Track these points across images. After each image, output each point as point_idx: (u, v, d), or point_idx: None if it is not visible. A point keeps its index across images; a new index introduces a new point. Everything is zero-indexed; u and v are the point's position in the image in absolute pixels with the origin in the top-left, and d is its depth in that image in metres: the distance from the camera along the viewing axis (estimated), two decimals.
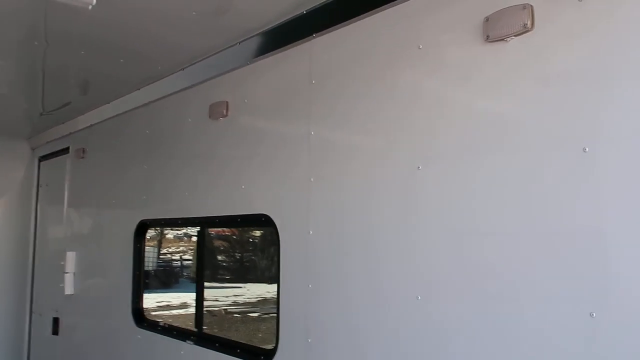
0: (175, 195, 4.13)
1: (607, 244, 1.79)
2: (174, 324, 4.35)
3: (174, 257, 23.37)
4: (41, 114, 5.79)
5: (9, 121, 6.24)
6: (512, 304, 2.02)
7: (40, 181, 6.98)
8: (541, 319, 1.93)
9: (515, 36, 2.07)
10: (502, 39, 2.11)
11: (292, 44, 3.11)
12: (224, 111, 3.59)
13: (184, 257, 23.39)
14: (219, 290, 17.80)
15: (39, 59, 4.05)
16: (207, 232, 4.40)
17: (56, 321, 5.93)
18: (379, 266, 2.53)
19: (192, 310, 4.18)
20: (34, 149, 7.10)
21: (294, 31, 3.09)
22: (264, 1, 3.01)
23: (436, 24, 2.39)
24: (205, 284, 4.14)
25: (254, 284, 18.88)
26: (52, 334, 5.93)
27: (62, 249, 5.74)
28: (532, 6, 2.02)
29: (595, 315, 1.78)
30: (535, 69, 2.03)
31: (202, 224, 4.11)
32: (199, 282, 4.26)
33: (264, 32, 3.32)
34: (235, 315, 15.09)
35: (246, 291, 18.41)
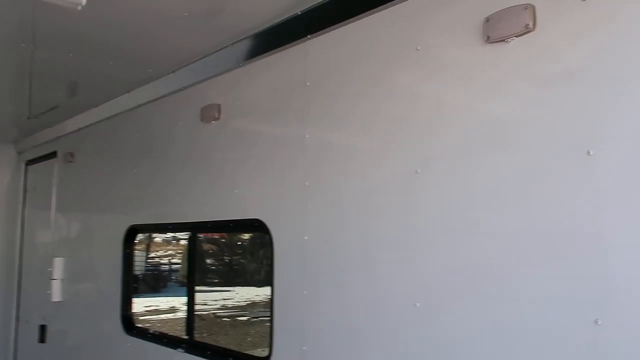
0: (165, 200, 4.07)
1: (608, 246, 1.77)
2: (165, 331, 4.28)
3: (162, 261, 23.29)
4: (28, 118, 5.71)
5: None
6: (513, 308, 1.99)
7: (27, 186, 6.89)
8: (543, 322, 1.90)
9: (516, 37, 2.04)
10: (503, 40, 2.08)
11: (286, 46, 3.06)
12: (216, 114, 3.54)
13: (173, 260, 23.30)
14: (209, 294, 17.76)
15: (26, 61, 3.98)
16: (199, 237, 4.34)
17: (43, 329, 5.84)
18: (376, 272, 2.49)
19: (181, 314, 4.13)
20: (20, 153, 7.02)
21: (289, 32, 3.05)
22: (257, 2, 2.96)
23: (435, 25, 2.36)
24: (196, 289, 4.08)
25: (244, 287, 18.86)
26: (39, 341, 5.84)
27: (50, 255, 5.67)
28: (534, 6, 1.99)
29: (599, 321, 1.75)
30: (537, 70, 2.00)
31: (193, 229, 4.05)
32: (190, 288, 4.20)
33: (257, 33, 3.28)
34: (224, 319, 15.03)
35: (235, 294, 18.37)
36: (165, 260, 23.31)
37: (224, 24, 3.24)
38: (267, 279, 3.13)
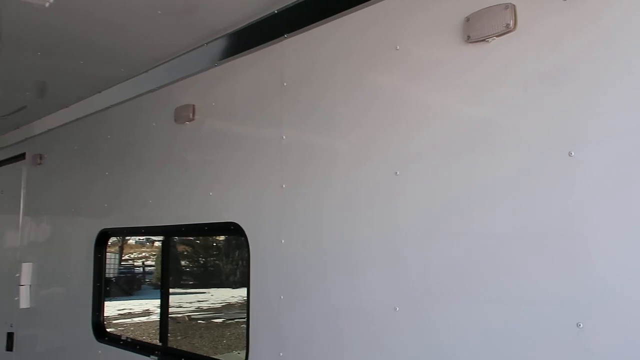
0: (138, 203, 3.98)
1: (590, 248, 1.76)
2: (138, 335, 4.18)
3: (136, 263, 23.00)
4: None
5: None
6: (494, 310, 1.96)
7: None
8: (525, 325, 1.88)
9: (497, 37, 2.03)
10: (484, 40, 2.06)
11: (262, 45, 3.02)
12: (191, 115, 3.46)
13: (147, 262, 23.02)
14: (184, 296, 17.59)
15: None
16: (173, 240, 4.26)
17: (10, 336, 5.71)
18: (356, 275, 2.45)
19: (156, 317, 4.04)
20: None
21: (265, 31, 3.00)
22: (233, 0, 2.89)
23: (415, 24, 2.32)
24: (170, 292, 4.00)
25: (218, 289, 18.73)
26: (7, 349, 5.72)
27: (18, 260, 5.55)
28: (514, 6, 1.97)
29: (582, 325, 1.74)
30: (518, 70, 1.98)
31: (167, 232, 3.96)
32: (164, 293, 4.11)
33: (233, 32, 3.23)
34: (199, 321, 14.88)
35: (210, 296, 18.23)
36: (139, 262, 23.04)
37: (198, 22, 3.18)
38: (242, 280, 3.07)
